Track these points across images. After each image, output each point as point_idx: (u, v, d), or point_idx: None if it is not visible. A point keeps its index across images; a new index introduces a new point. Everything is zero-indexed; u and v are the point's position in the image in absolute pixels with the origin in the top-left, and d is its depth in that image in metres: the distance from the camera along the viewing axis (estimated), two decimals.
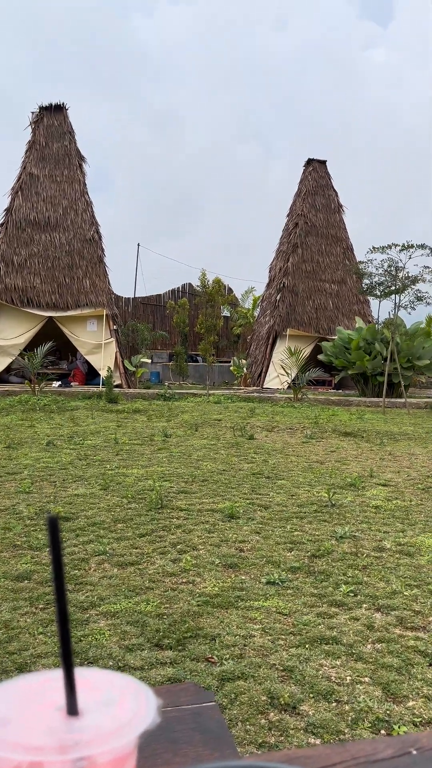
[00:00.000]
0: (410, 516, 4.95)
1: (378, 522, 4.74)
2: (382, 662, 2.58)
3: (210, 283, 20.08)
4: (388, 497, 5.58)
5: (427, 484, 6.13)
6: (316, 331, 23.24)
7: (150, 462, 7.12)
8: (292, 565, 3.74)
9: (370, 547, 4.10)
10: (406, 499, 5.55)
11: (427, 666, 2.57)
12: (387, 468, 7.06)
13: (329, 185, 25.75)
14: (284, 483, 6.12)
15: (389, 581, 3.50)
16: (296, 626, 2.92)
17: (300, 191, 25.53)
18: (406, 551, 4.03)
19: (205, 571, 3.62)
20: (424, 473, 6.69)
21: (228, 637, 2.78)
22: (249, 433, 9.57)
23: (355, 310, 24.59)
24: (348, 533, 4.35)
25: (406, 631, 2.89)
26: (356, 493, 5.73)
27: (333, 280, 24.44)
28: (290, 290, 23.46)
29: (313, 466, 7.14)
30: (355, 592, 3.34)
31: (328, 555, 3.93)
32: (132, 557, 3.84)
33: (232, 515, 4.77)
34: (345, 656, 2.64)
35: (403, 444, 9.06)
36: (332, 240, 25.06)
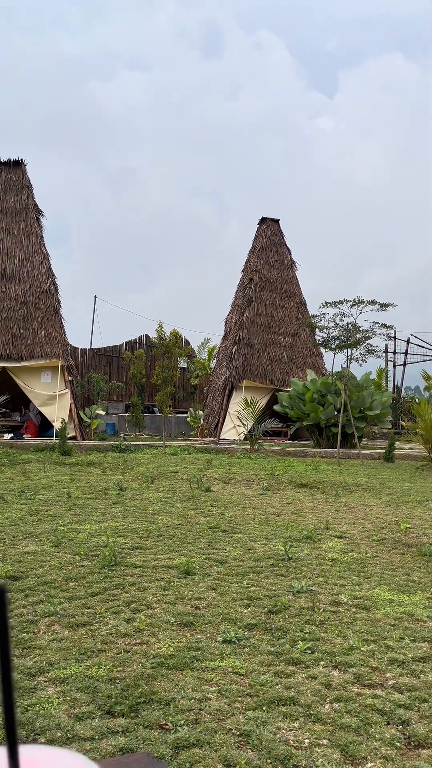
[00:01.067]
0: (366, 568, 4.96)
1: (334, 575, 4.72)
2: (340, 723, 2.53)
3: (167, 334, 20.22)
4: (344, 549, 5.58)
5: (381, 536, 6.17)
6: (271, 383, 23.55)
7: (104, 517, 6.96)
8: (248, 622, 3.67)
9: (327, 602, 4.07)
10: (361, 551, 5.56)
11: (385, 725, 2.53)
12: (342, 519, 7.09)
13: (282, 243, 26.63)
14: (241, 536, 6.06)
15: (346, 637, 3.47)
16: (253, 687, 2.84)
17: (255, 248, 26.31)
18: (363, 605, 4.01)
19: (159, 631, 3.51)
20: (379, 525, 6.74)
21: (183, 701, 2.68)
22: (206, 486, 9.50)
23: (308, 362, 25.10)
24: (305, 588, 4.31)
25: (363, 689, 2.85)
26: (312, 545, 5.72)
27: (287, 333, 24.99)
28: (246, 342, 23.84)
29: (269, 518, 7.11)
30: (313, 649, 3.29)
31: (285, 610, 3.88)
32: (84, 618, 3.70)
33: (187, 571, 4.68)
34: (303, 717, 2.58)
35: (357, 495, 9.13)
36: (286, 295, 25.74)
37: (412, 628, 3.62)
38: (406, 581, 4.61)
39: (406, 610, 3.91)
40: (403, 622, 3.72)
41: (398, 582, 4.58)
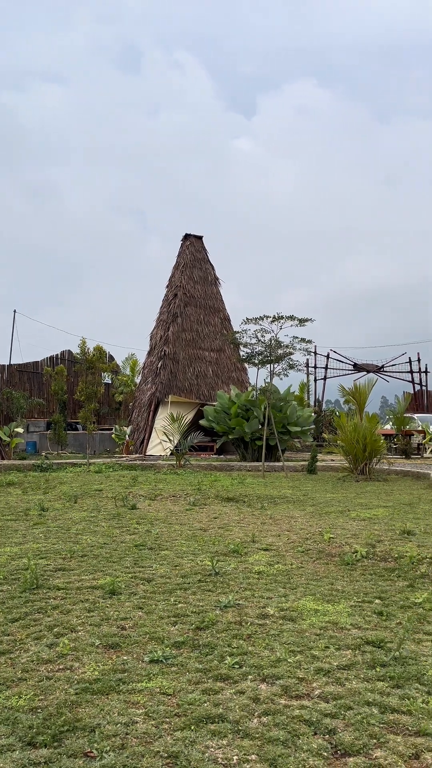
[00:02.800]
0: (292, 580, 5.02)
1: (261, 588, 4.75)
2: (268, 736, 2.53)
3: (90, 350, 19.89)
4: (270, 562, 5.63)
5: (306, 547, 6.27)
6: (197, 397, 23.61)
7: (25, 538, 6.70)
8: (176, 639, 3.62)
9: (254, 615, 4.08)
10: (287, 562, 5.63)
11: (312, 735, 2.55)
12: (268, 532, 7.16)
13: (206, 259, 26.92)
14: (168, 553, 5.99)
15: (273, 649, 3.48)
16: (181, 706, 2.80)
17: (179, 264, 26.44)
18: (289, 616, 4.05)
19: (84, 655, 3.40)
20: (303, 536, 6.85)
21: (109, 727, 2.60)
22: (131, 503, 9.35)
23: (233, 377, 25.38)
24: (232, 602, 4.31)
25: (291, 701, 2.87)
26: (239, 559, 5.73)
27: (212, 349, 25.19)
28: (171, 358, 23.83)
29: (196, 534, 7.08)
30: (240, 664, 3.28)
31: (213, 626, 3.85)
32: (3, 646, 3.53)
33: (113, 591, 4.57)
34: (231, 734, 2.56)
35: (282, 507, 9.26)
36: (210, 310, 25.98)
37: (337, 636, 3.69)
38: (330, 591, 4.70)
39: (330, 619, 3.98)
40: (328, 631, 3.78)
41: (323, 592, 4.66)
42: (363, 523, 7.59)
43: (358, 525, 7.41)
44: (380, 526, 7.30)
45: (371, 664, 3.27)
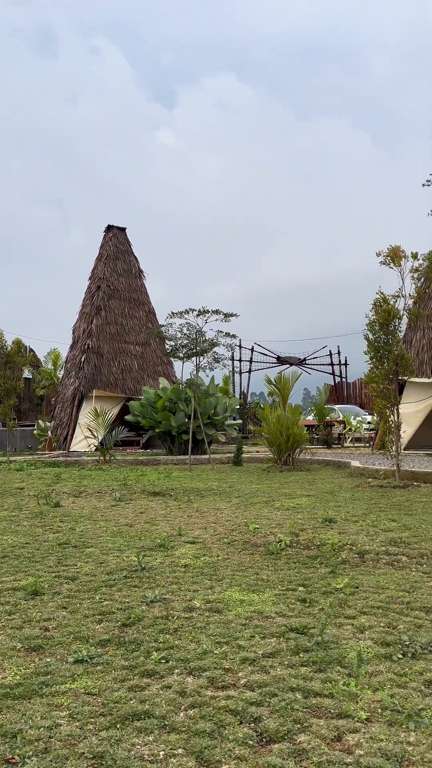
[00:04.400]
0: (218, 571, 5.06)
1: (187, 581, 4.76)
2: (194, 729, 2.53)
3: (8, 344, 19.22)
4: (197, 555, 5.65)
5: (232, 538, 6.34)
6: (122, 392, 23.34)
7: None
8: (101, 638, 3.56)
9: (181, 608, 4.08)
10: (213, 554, 5.67)
11: (238, 725, 2.58)
12: (195, 525, 7.18)
13: (129, 251, 26.59)
14: (93, 551, 5.89)
15: (200, 642, 3.50)
16: (106, 705, 2.76)
17: (101, 255, 25.97)
18: (215, 608, 4.08)
19: (4, 660, 3.28)
20: (229, 527, 6.92)
21: (31, 731, 2.52)
22: (54, 501, 9.14)
23: (159, 371, 25.26)
24: (158, 596, 4.29)
25: (217, 692, 2.89)
26: (166, 553, 5.72)
27: (137, 342, 24.95)
28: (95, 351, 23.42)
29: (122, 529, 7.01)
30: (167, 658, 3.27)
31: (139, 622, 3.83)
32: None
33: (35, 592, 4.45)
34: (158, 730, 2.55)
35: (209, 500, 9.32)
36: (135, 303, 25.71)
37: (262, 625, 3.75)
38: (255, 581, 4.77)
39: (256, 609, 4.04)
40: (253, 620, 3.84)
41: (248, 582, 4.72)
42: (287, 512, 7.76)
43: (283, 515, 7.56)
44: (303, 514, 7.49)
45: (295, 651, 3.34)
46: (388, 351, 10.81)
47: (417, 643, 3.39)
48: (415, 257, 10.16)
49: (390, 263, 10.65)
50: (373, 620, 3.80)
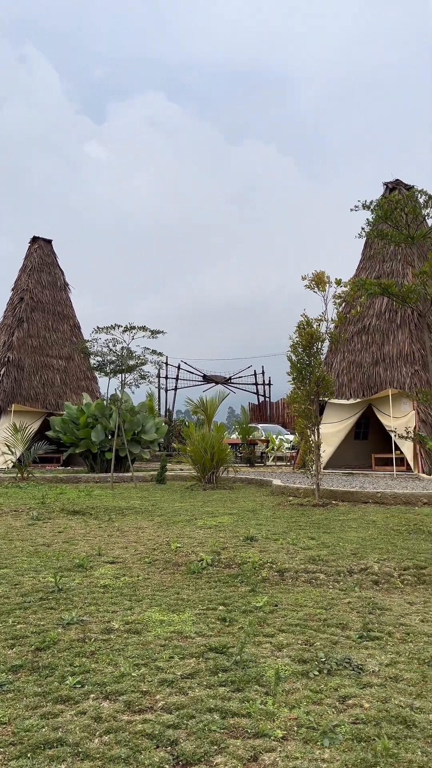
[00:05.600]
0: (138, 592, 4.97)
1: (106, 602, 4.65)
2: (109, 755, 2.46)
3: None
4: (117, 575, 5.54)
5: (153, 557, 6.26)
6: (43, 407, 22.72)
7: None
8: (13, 663, 3.41)
9: (98, 630, 3.98)
10: (133, 574, 5.58)
11: (154, 749, 2.53)
12: (115, 544, 7.05)
13: (55, 263, 26.13)
14: (7, 572, 5.66)
15: (117, 664, 3.42)
16: (17, 734, 2.64)
17: (26, 267, 25.38)
18: (134, 629, 4.01)
19: None
20: (151, 546, 6.84)
21: None
22: None
23: (83, 386, 24.81)
24: (75, 618, 4.17)
25: (134, 716, 2.83)
26: (84, 574, 5.57)
27: (61, 356, 24.43)
28: (15, 365, 22.73)
29: (39, 549, 6.77)
30: (83, 683, 3.17)
31: (54, 645, 3.70)
32: None
33: None
34: (70, 758, 2.46)
35: (130, 518, 9.19)
36: (59, 317, 25.22)
37: (182, 646, 3.71)
38: (176, 600, 4.73)
39: (175, 629, 4.00)
40: (172, 641, 3.80)
41: (168, 602, 4.67)
42: (209, 531, 7.76)
43: (205, 533, 7.56)
44: (225, 533, 7.51)
45: (214, 671, 3.33)
46: (310, 372, 11.11)
47: (333, 660, 3.46)
48: (339, 283, 10.54)
49: (315, 288, 11.00)
50: (291, 638, 3.85)
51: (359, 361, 19.10)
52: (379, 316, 19.06)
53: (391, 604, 4.64)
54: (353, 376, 19.07)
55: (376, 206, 8.23)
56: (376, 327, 19.00)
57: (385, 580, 5.30)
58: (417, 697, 3.01)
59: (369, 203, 8.28)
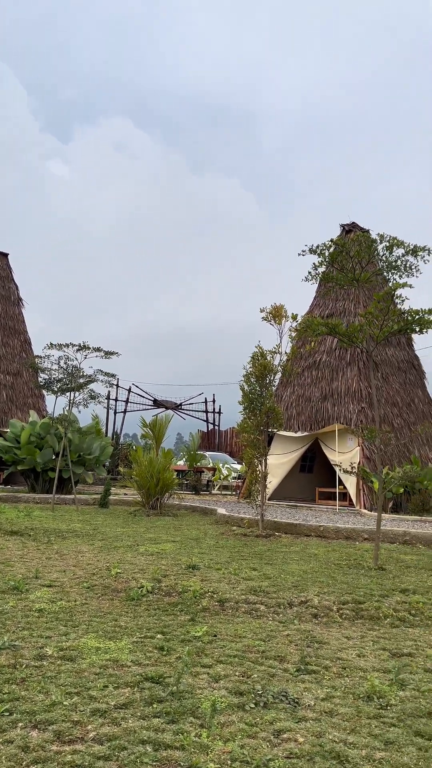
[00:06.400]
0: (74, 617, 4.84)
1: (41, 627, 4.50)
2: None
3: None
4: (53, 599, 5.38)
5: (92, 582, 6.12)
6: None
7: None
8: None
9: (31, 656, 3.84)
10: (71, 599, 5.43)
11: None
12: (53, 567, 6.86)
13: (10, 277, 25.75)
14: None
15: (48, 692, 3.30)
16: None
17: None
18: (68, 656, 3.89)
19: None
20: (90, 571, 6.68)
21: None
22: None
23: (30, 403, 24.31)
24: (7, 643, 4.01)
25: (63, 746, 2.73)
26: (19, 597, 5.39)
27: (9, 372, 23.92)
28: None
29: None
30: (11, 711, 3.05)
31: None
32: None
33: None
34: None
35: (71, 541, 8.97)
36: (10, 332, 24.77)
37: (117, 674, 3.62)
38: (113, 627, 4.62)
39: (111, 657, 3.90)
40: (108, 669, 3.70)
41: (105, 629, 4.56)
42: (151, 557, 7.64)
43: (146, 560, 7.44)
44: (167, 560, 7.42)
45: (149, 701, 3.26)
46: (261, 403, 11.22)
47: (269, 693, 3.44)
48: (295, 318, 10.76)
49: (271, 320, 11.19)
50: (228, 669, 3.81)
51: (308, 395, 19.42)
52: (329, 352, 19.49)
53: (329, 638, 4.66)
54: (302, 410, 19.36)
55: (322, 251, 8.48)
56: (326, 363, 19.42)
57: (325, 614, 5.33)
58: (351, 732, 3.02)
59: (316, 247, 8.52)
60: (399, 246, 8.00)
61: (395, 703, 3.40)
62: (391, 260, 8.09)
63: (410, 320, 7.99)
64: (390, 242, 8.02)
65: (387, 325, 8.23)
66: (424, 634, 4.90)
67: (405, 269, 8.07)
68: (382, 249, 8.07)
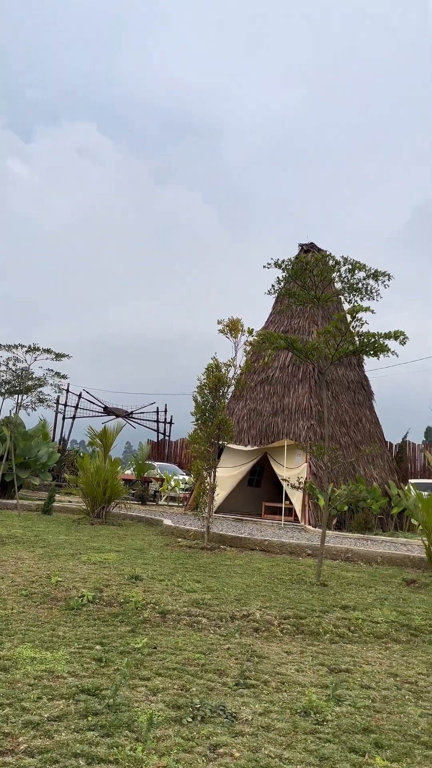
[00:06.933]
0: (10, 626, 4.69)
1: None
2: None
3: None
4: None
5: (31, 590, 5.96)
6: None
7: None
8: None
9: None
10: (7, 607, 5.27)
11: None
12: None
13: None
14: None
15: None
16: None
17: None
18: (2, 666, 3.76)
19: None
20: (30, 579, 6.51)
21: None
22: None
23: None
24: None
25: None
26: None
27: None
28: None
29: None
30: None
31: None
32: None
33: None
34: None
35: (10, 548, 8.72)
36: None
37: (51, 686, 3.52)
38: (51, 637, 4.50)
39: (47, 668, 3.80)
40: (42, 680, 3.60)
41: (42, 638, 4.44)
42: (93, 566, 7.51)
43: (89, 569, 7.30)
44: (110, 570, 7.30)
45: (84, 713, 3.18)
46: (214, 415, 11.23)
47: (207, 707, 3.41)
48: (251, 333, 10.85)
49: (228, 333, 11.24)
50: (167, 682, 3.76)
51: (260, 409, 19.56)
52: (282, 368, 19.72)
53: (269, 653, 4.67)
54: (253, 423, 19.48)
55: (287, 266, 8.60)
56: (279, 379, 19.63)
57: (266, 628, 5.34)
58: (287, 748, 3.02)
59: (281, 262, 8.64)
60: (361, 269, 8.18)
61: (331, 719, 3.42)
62: (353, 282, 8.26)
63: (366, 343, 8.16)
64: (353, 265, 8.19)
65: (342, 346, 8.39)
66: (361, 651, 4.96)
67: (366, 292, 8.25)
68: (345, 271, 8.23)
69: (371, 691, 3.96)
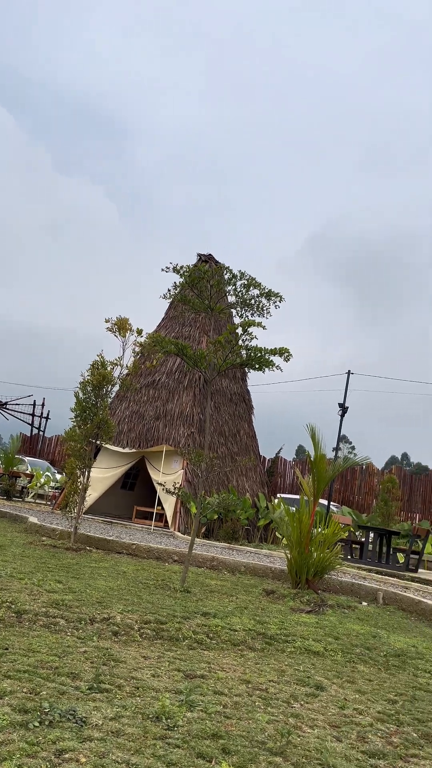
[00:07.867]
0: None
1: None
2: None
3: None
4: None
5: None
6: None
7: None
8: None
9: None
10: None
11: None
12: None
13: None
14: None
15: None
16: None
17: None
18: None
19: None
20: None
21: None
22: None
23: None
24: None
25: None
26: None
27: None
28: None
29: None
30: None
31: None
32: None
33: None
34: None
35: None
36: None
37: None
38: None
39: None
40: None
41: None
42: None
43: None
44: None
45: None
46: (94, 413, 11.00)
47: (57, 711, 3.29)
48: (140, 333, 10.77)
49: (116, 332, 11.07)
50: (16, 685, 3.59)
51: (142, 412, 19.46)
52: (169, 374, 19.77)
53: (127, 657, 4.60)
54: (134, 426, 19.32)
55: (185, 272, 8.66)
56: (165, 384, 19.65)
57: (125, 632, 5.26)
58: (135, 753, 2.98)
59: (179, 267, 8.69)
60: (256, 287, 8.41)
61: (182, 724, 3.43)
62: (246, 298, 8.46)
63: (252, 356, 8.37)
64: (248, 281, 8.40)
65: (230, 357, 8.55)
66: (218, 657, 5.04)
67: (257, 309, 8.49)
68: (240, 286, 8.42)
69: (224, 697, 4.02)
